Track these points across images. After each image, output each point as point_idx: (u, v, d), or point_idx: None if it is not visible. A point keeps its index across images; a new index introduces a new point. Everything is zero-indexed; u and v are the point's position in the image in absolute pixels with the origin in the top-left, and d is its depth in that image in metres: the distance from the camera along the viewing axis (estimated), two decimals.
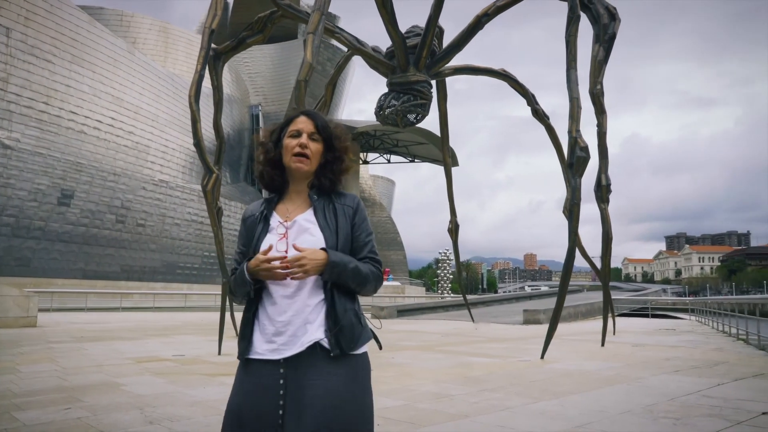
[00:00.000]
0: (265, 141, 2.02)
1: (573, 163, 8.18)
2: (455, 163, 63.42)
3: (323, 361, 1.77)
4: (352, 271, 1.82)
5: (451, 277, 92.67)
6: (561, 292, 8.62)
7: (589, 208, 10.25)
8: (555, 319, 8.56)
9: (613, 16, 10.04)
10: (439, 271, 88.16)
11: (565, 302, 9.14)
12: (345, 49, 13.14)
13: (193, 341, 11.76)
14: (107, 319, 19.33)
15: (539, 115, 13.30)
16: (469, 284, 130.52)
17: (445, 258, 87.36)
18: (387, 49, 11.89)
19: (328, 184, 1.97)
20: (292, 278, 1.77)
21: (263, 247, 1.87)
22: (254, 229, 1.96)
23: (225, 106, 55.69)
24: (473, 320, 15.58)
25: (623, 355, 9.13)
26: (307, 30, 7.61)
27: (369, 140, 64.33)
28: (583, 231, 12.58)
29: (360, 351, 1.85)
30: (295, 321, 1.80)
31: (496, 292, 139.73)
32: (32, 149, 33.64)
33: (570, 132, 8.31)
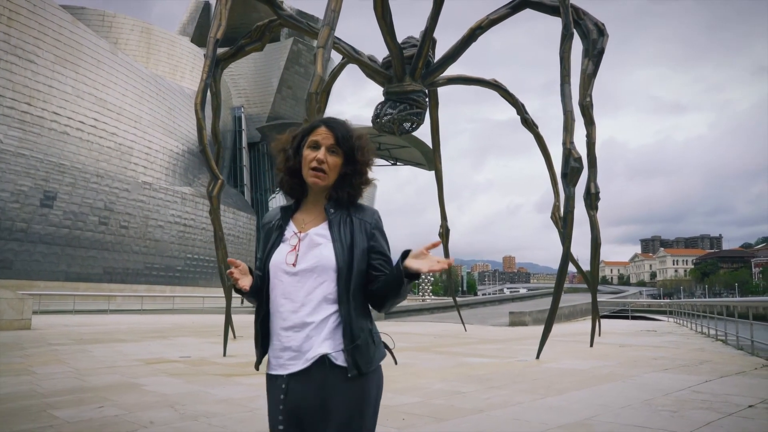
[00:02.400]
0: (286, 148, 1.96)
1: (567, 173, 8.62)
2: None
3: (330, 377, 1.75)
4: (406, 285, 1.78)
5: (433, 279, 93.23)
6: (555, 296, 9.05)
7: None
8: (549, 322, 8.99)
9: (601, 31, 10.54)
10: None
11: (546, 306, 9.59)
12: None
13: (193, 343, 11.96)
14: (98, 322, 19.36)
15: (528, 123, 13.77)
16: (450, 287, 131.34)
17: None
18: (383, 59, 12.24)
19: (346, 197, 1.91)
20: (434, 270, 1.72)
21: (274, 257, 1.87)
22: (270, 236, 1.94)
23: (207, 107, 55.55)
24: (464, 326, 16.00)
25: (613, 355, 9.62)
26: (318, 44, 7.94)
27: None
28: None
29: (374, 368, 1.83)
30: (298, 336, 1.77)
31: (475, 294, 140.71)
32: (15, 150, 33.35)
33: (564, 143, 8.75)
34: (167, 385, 6.56)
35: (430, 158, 64.22)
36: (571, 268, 15.06)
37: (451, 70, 13.12)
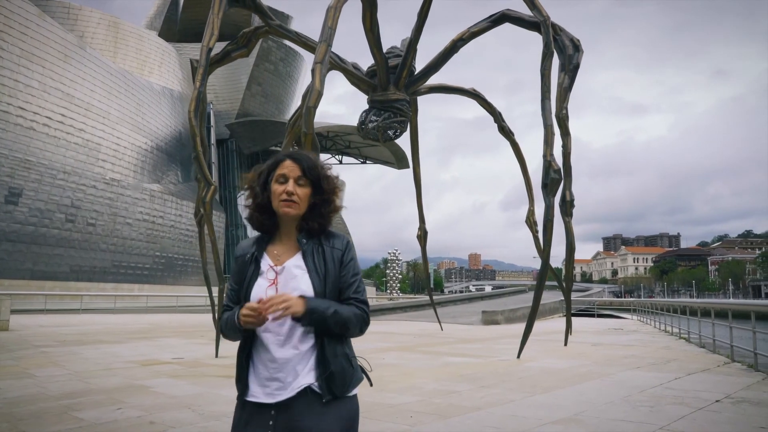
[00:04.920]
0: (253, 185, 1.99)
1: (547, 184, 9.16)
2: (405, 165, 64.37)
3: (315, 405, 1.81)
4: (332, 316, 1.83)
5: (400, 276, 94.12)
6: (535, 301, 9.60)
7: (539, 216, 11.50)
8: (530, 325, 9.54)
9: (577, 47, 11.12)
10: (388, 271, 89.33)
11: (515, 305, 10.05)
12: (299, 50, 13.78)
13: (179, 344, 12.15)
14: (73, 322, 19.27)
15: (505, 131, 14.31)
16: (417, 284, 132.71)
17: (395, 258, 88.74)
18: (368, 68, 12.62)
19: (317, 227, 1.96)
20: (273, 318, 1.79)
21: (254, 291, 1.89)
22: (245, 270, 1.96)
23: (176, 104, 55.03)
24: (440, 325, 16.57)
25: (587, 354, 10.25)
26: (315, 60, 8.28)
27: (321, 141, 64.83)
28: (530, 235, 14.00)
29: (351, 394, 1.89)
30: (286, 367, 1.83)
31: (442, 291, 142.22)
32: None
33: (545, 156, 9.28)
34: (174, 386, 6.83)
35: (399, 157, 64.63)
36: (537, 264, 15.81)
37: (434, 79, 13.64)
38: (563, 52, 11.03)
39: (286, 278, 1.89)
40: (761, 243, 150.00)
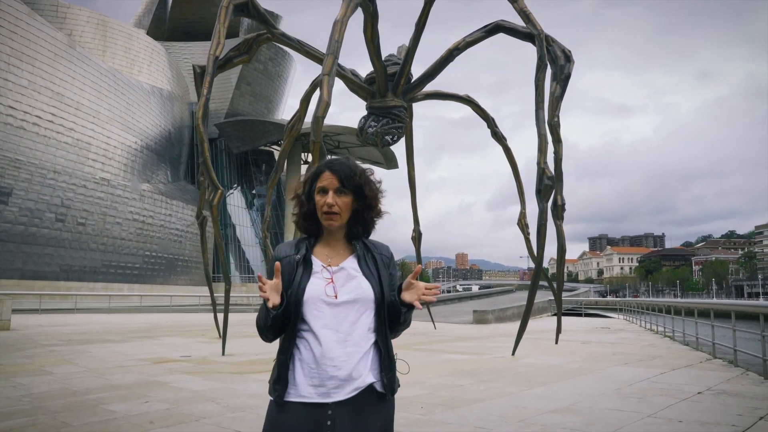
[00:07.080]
0: (299, 194, 2.05)
1: (541, 190, 9.64)
2: (395, 166, 64.67)
3: (374, 403, 1.85)
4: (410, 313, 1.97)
5: None
6: (529, 300, 10.09)
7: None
8: (523, 324, 10.03)
9: (568, 58, 11.61)
10: None
11: (504, 304, 10.52)
12: (287, 50, 14.10)
13: (183, 343, 12.48)
14: (71, 322, 19.47)
15: (498, 137, 14.81)
16: None
17: None
18: (367, 75, 13.04)
19: (362, 231, 2.03)
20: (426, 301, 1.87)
21: (309, 289, 1.89)
22: (293, 270, 1.94)
23: (166, 103, 55.05)
24: (434, 324, 17.10)
25: (577, 351, 10.77)
26: (323, 72, 8.68)
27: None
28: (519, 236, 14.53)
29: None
30: (347, 365, 1.82)
31: None
32: None
33: (539, 164, 9.76)
34: (190, 382, 7.20)
35: (389, 157, 64.89)
36: (524, 264, 16.33)
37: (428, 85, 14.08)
38: (555, 63, 11.50)
39: (344, 278, 1.93)
40: (744, 243, 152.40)
